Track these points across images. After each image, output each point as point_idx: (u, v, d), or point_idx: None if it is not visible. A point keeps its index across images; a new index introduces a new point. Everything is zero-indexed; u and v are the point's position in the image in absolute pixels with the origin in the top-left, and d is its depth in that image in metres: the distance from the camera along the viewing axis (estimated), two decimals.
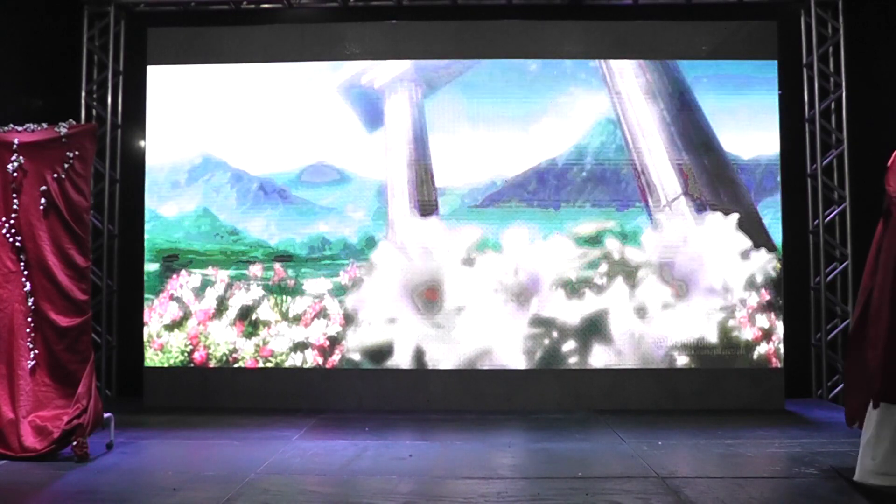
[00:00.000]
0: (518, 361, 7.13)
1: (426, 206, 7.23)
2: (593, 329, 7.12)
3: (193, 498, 4.30)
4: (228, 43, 7.42)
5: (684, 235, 7.15)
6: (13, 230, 5.42)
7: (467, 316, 7.15)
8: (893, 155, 4.65)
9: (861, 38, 7.31)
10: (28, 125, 5.51)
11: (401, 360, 7.15)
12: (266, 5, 7.66)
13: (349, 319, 7.20)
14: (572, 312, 7.13)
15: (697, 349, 7.08)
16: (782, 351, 7.06)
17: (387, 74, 7.36)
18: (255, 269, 7.28)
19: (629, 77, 7.29)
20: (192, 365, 7.23)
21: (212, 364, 7.22)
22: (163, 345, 7.24)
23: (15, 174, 5.41)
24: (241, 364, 7.22)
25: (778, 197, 7.16)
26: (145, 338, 7.26)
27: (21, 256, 5.43)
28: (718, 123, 7.21)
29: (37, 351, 5.37)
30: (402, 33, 7.42)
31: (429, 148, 7.28)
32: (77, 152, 5.48)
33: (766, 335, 7.08)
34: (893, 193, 4.51)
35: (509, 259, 7.18)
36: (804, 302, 7.48)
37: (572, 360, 7.12)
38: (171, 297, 7.26)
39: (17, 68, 7.13)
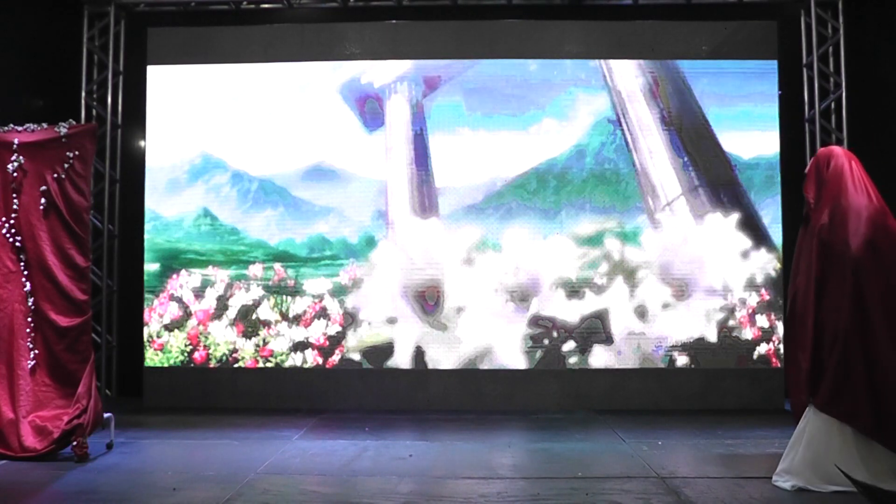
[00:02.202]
0: (518, 361, 7.13)
1: (426, 206, 7.24)
2: (593, 329, 7.13)
3: (193, 498, 4.30)
4: (228, 43, 7.42)
5: (684, 235, 7.16)
6: (13, 230, 5.41)
7: (467, 316, 7.15)
8: (811, 162, 4.80)
9: (861, 38, 7.30)
10: (28, 125, 5.51)
11: (401, 360, 7.16)
12: (266, 5, 7.65)
13: (349, 319, 7.20)
14: (572, 312, 7.13)
15: (697, 349, 7.08)
16: (782, 351, 7.06)
17: (387, 74, 7.36)
18: (255, 269, 7.28)
19: (629, 77, 7.29)
20: (192, 365, 7.23)
21: (212, 364, 7.22)
22: (163, 345, 7.24)
23: (15, 174, 5.41)
24: (241, 364, 7.22)
25: (778, 197, 7.17)
26: (145, 338, 7.26)
27: (21, 256, 5.42)
28: (718, 123, 7.21)
29: (37, 351, 5.37)
30: (402, 33, 7.43)
31: (429, 148, 7.28)
32: (77, 152, 5.47)
33: (766, 335, 7.08)
34: (811, 200, 4.64)
35: (509, 259, 7.18)
36: None
37: (572, 360, 7.13)
38: (171, 297, 7.27)
39: (17, 68, 7.13)
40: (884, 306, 4.28)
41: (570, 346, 7.14)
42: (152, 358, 7.25)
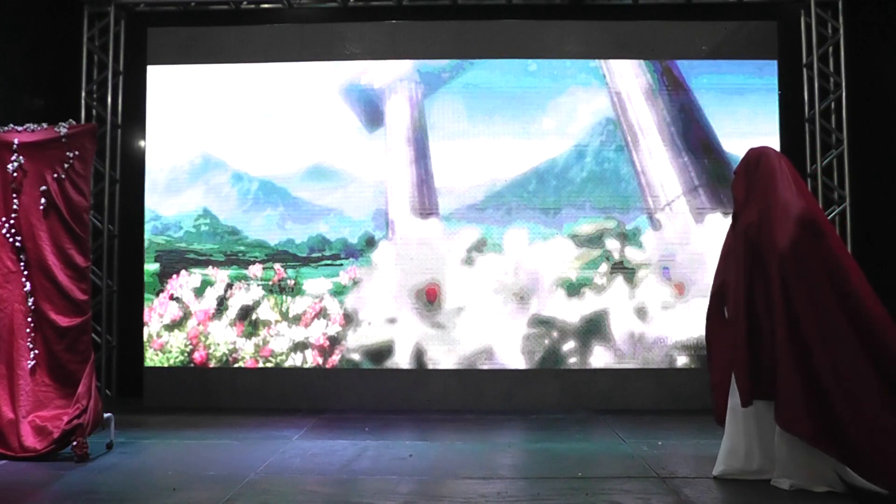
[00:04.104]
0: (518, 361, 7.13)
1: (426, 206, 7.24)
2: (593, 329, 7.13)
3: (193, 498, 4.30)
4: (228, 43, 7.43)
5: (684, 235, 7.15)
6: (13, 230, 5.41)
7: (467, 316, 7.15)
8: (741, 161, 4.82)
9: (861, 38, 7.30)
10: (28, 125, 5.50)
11: (401, 360, 7.16)
12: (266, 5, 7.65)
13: (349, 319, 7.20)
14: (572, 312, 7.13)
15: (697, 349, 7.08)
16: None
17: (387, 74, 7.36)
18: (255, 269, 7.28)
19: (629, 77, 7.29)
20: (192, 365, 7.23)
21: (212, 364, 7.22)
22: (163, 345, 7.24)
23: (15, 174, 5.41)
24: (241, 364, 7.22)
25: None
26: (145, 338, 7.26)
27: (21, 256, 5.43)
28: (718, 123, 7.21)
29: (37, 351, 5.37)
30: (402, 33, 7.43)
31: (429, 148, 7.28)
32: (77, 152, 5.47)
33: None
34: (740, 199, 4.64)
35: (509, 259, 7.19)
36: None
37: (572, 360, 7.13)
38: (171, 297, 7.27)
39: (17, 68, 7.13)
40: (811, 307, 4.25)
41: (570, 346, 7.14)
42: (152, 358, 7.25)
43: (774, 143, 7.19)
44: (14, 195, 5.41)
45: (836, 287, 4.27)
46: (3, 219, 5.42)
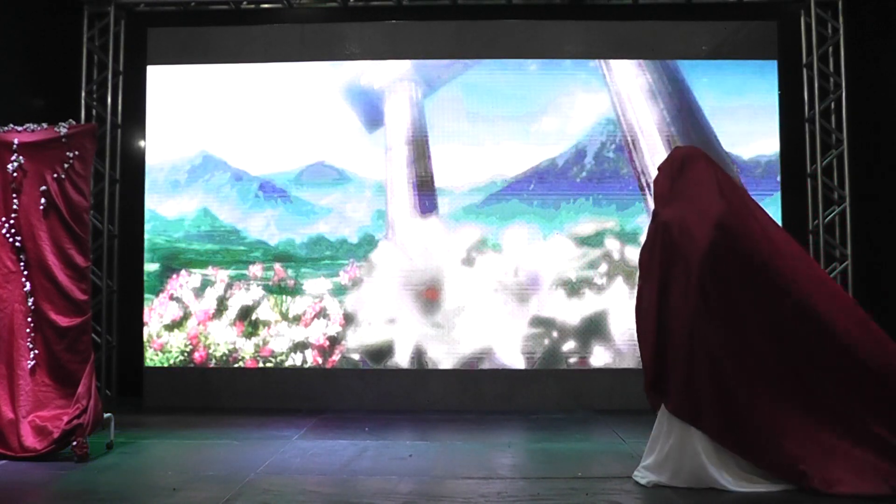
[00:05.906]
0: (518, 361, 7.13)
1: (426, 206, 7.24)
2: (593, 329, 7.13)
3: (193, 498, 4.30)
4: (228, 43, 7.43)
5: None
6: (13, 230, 5.41)
7: (467, 316, 7.15)
8: (665, 158, 4.79)
9: (861, 38, 7.30)
10: (28, 125, 5.50)
11: (401, 360, 7.16)
12: (266, 5, 7.65)
13: (349, 319, 7.20)
14: (572, 312, 7.13)
15: None
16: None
17: (387, 74, 7.36)
18: (255, 269, 7.28)
19: (629, 77, 7.29)
20: (192, 365, 7.23)
21: (212, 364, 7.22)
22: (163, 345, 7.25)
23: (15, 174, 5.41)
24: (241, 364, 7.22)
25: (778, 197, 7.17)
26: (145, 338, 7.27)
27: (21, 256, 5.42)
28: (718, 123, 7.21)
29: (37, 351, 5.37)
30: (402, 33, 7.43)
31: (429, 148, 7.28)
32: (77, 152, 5.47)
33: None
34: (661, 196, 4.62)
35: (509, 259, 7.19)
36: None
37: (572, 360, 7.13)
38: (171, 297, 7.27)
39: (17, 68, 7.13)
40: (726, 308, 4.31)
41: (570, 346, 7.14)
42: (152, 358, 7.26)
43: (774, 143, 7.20)
44: (14, 195, 5.40)
45: (755, 288, 4.32)
46: (3, 219, 5.41)
